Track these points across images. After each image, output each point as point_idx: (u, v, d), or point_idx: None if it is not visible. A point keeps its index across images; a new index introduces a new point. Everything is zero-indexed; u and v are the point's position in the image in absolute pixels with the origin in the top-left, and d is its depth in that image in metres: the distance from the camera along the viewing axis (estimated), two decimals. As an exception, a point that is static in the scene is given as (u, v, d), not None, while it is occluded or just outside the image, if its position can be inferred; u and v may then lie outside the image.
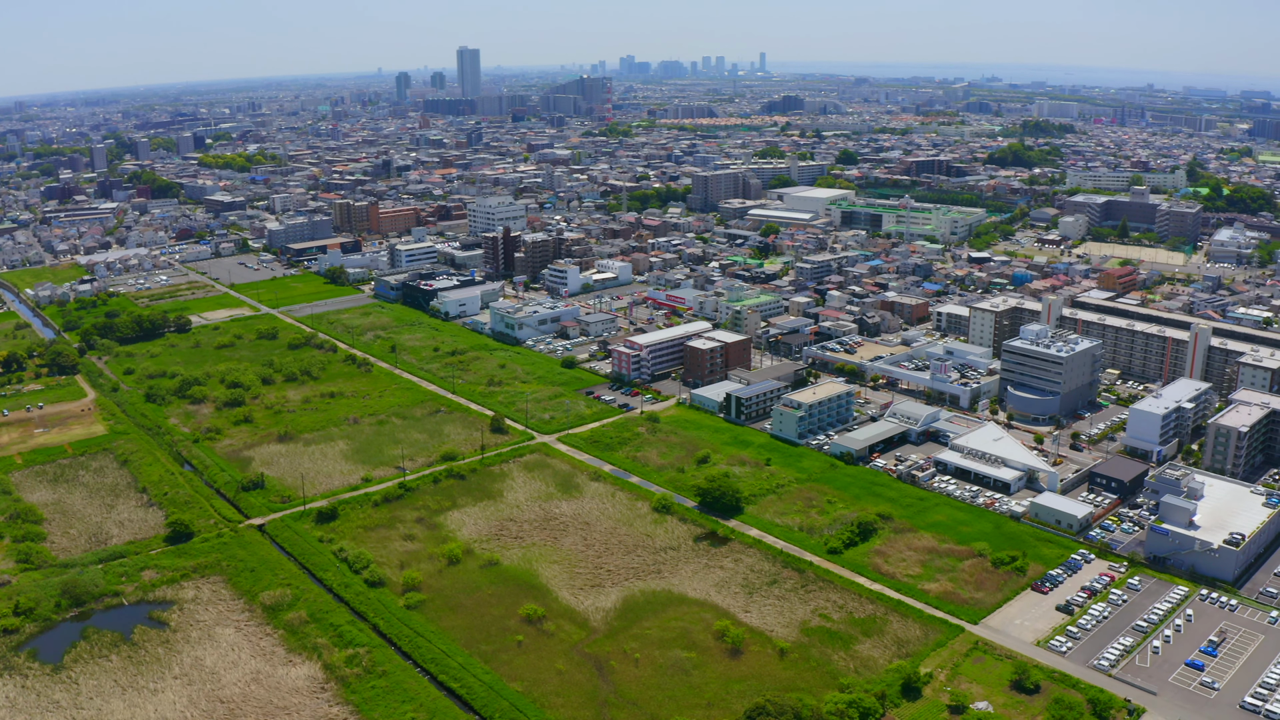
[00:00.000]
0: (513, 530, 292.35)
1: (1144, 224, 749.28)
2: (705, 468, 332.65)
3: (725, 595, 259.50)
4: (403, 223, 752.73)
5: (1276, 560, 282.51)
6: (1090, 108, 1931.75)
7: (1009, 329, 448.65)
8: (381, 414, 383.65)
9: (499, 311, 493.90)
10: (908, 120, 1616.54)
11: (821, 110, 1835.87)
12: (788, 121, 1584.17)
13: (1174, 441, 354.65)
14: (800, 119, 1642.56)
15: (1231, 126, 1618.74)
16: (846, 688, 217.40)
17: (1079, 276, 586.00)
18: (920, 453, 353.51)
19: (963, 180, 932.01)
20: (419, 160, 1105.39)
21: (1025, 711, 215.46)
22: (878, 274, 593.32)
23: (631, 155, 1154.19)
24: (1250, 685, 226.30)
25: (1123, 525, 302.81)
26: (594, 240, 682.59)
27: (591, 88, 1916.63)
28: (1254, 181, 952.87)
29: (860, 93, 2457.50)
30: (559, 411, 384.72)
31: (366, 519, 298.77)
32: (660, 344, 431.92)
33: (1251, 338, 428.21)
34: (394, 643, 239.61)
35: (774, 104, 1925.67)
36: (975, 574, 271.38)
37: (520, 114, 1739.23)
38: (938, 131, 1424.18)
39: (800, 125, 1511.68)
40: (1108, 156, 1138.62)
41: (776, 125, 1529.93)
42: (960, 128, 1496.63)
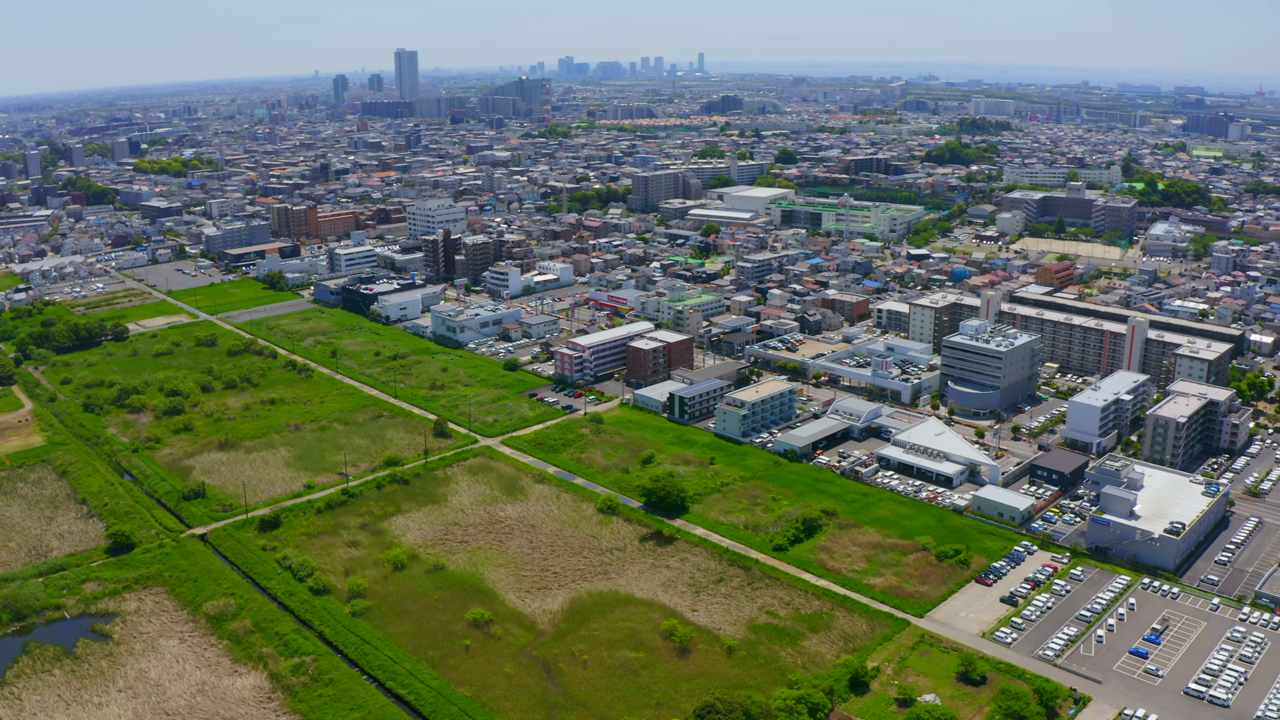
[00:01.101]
0: (458, 534, 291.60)
1: (1080, 219, 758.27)
2: (650, 468, 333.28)
3: (672, 595, 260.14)
4: (342, 226, 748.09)
5: (1217, 548, 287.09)
6: (1026, 105, 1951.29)
7: (949, 325, 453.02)
8: (323, 420, 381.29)
9: (440, 315, 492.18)
10: (846, 119, 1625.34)
11: (760, 110, 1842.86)
12: (727, 121, 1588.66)
13: (1113, 433, 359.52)
14: (739, 119, 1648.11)
15: (1166, 122, 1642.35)
16: (795, 684, 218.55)
17: (1017, 272, 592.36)
18: (863, 449, 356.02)
19: (901, 178, 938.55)
20: (357, 163, 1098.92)
21: (972, 703, 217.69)
22: (818, 272, 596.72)
23: (571, 156, 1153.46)
24: (1194, 671, 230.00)
25: (1064, 517, 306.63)
26: (535, 242, 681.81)
27: (530, 89, 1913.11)
28: (1188, 176, 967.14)
29: (798, 92, 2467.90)
30: (502, 414, 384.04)
31: (310, 526, 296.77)
32: (603, 345, 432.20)
33: (1188, 330, 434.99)
34: (340, 650, 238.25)
35: (713, 104, 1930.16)
36: (920, 568, 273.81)
37: (459, 116, 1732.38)
38: (876, 130, 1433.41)
39: (739, 125, 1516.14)
40: (1044, 153, 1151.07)
41: (716, 125, 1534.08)
42: (898, 126, 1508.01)
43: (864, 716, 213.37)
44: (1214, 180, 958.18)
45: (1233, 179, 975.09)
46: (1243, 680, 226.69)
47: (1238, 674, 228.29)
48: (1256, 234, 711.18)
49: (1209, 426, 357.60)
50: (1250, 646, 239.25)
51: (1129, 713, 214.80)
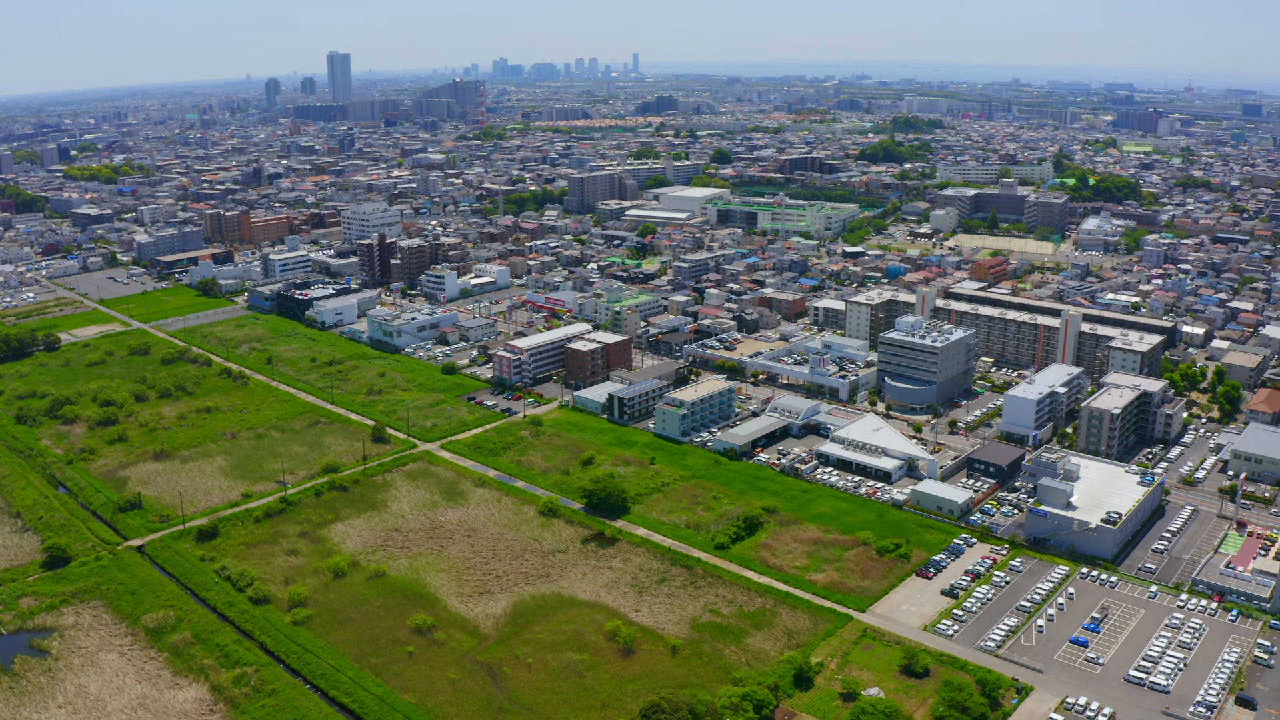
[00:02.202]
0: (398, 540, 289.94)
1: (1013, 215, 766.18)
2: (590, 469, 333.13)
3: (615, 595, 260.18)
4: (275, 232, 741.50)
5: (1153, 537, 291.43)
6: (958, 103, 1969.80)
7: (884, 321, 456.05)
8: (260, 427, 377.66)
9: (376, 319, 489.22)
10: (780, 119, 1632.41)
11: (695, 110, 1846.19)
12: (662, 122, 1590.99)
13: (1049, 425, 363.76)
14: (674, 119, 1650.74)
15: (1096, 118, 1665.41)
16: (739, 681, 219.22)
17: (951, 268, 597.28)
18: (802, 446, 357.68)
19: (836, 177, 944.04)
20: (291, 168, 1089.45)
21: (916, 695, 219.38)
22: (755, 271, 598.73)
23: (507, 158, 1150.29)
24: (1134, 659, 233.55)
25: (1002, 509, 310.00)
26: (471, 245, 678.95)
27: (465, 91, 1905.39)
28: (1119, 171, 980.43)
29: (733, 92, 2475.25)
30: (441, 418, 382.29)
31: (248, 535, 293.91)
32: (541, 347, 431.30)
33: (1120, 322, 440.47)
34: (282, 660, 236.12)
35: (648, 105, 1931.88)
36: (861, 563, 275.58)
37: (393, 119, 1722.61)
38: (810, 129, 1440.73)
39: (674, 125, 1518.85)
40: (976, 150, 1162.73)
41: (651, 126, 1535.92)
42: (832, 125, 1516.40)
43: (809, 712, 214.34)
44: (1144, 175, 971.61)
45: (1163, 174, 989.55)
46: (1182, 666, 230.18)
47: (1177, 660, 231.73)
48: (1187, 227, 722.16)
49: (1143, 417, 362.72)
50: (1189, 633, 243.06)
51: (1071, 701, 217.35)
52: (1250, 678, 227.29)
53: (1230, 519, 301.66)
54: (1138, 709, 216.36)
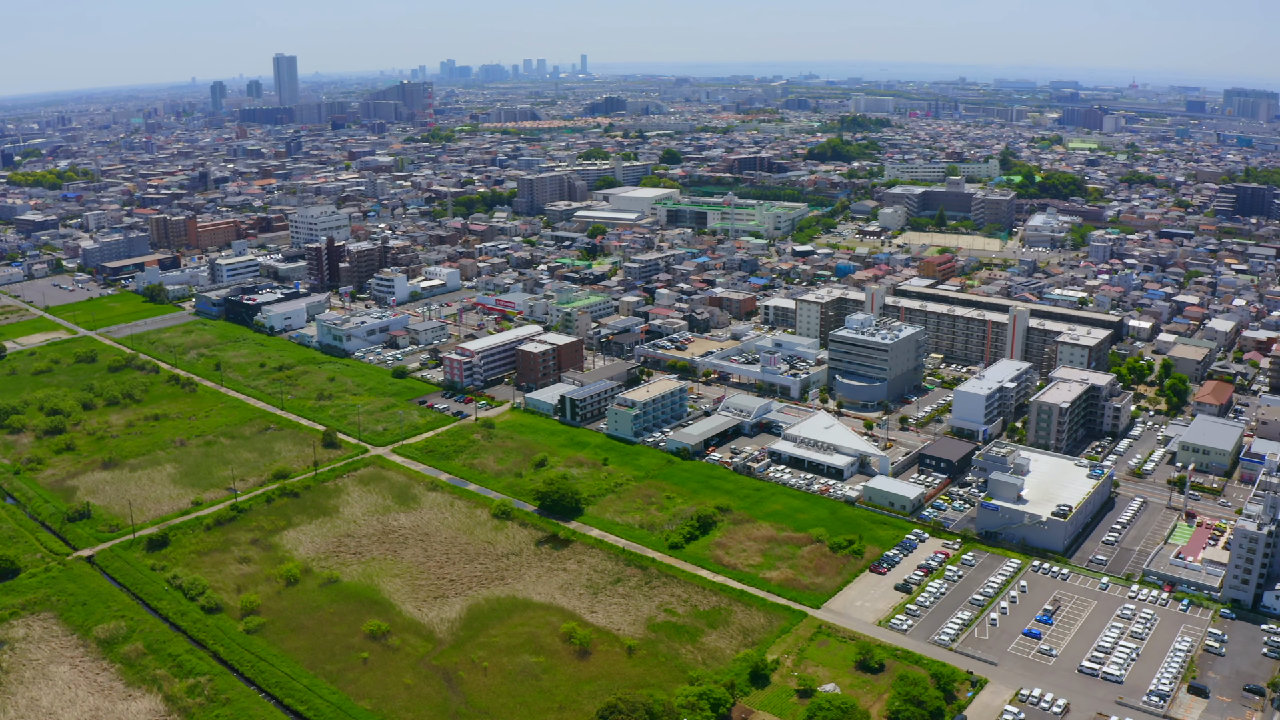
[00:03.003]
0: (351, 546, 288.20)
1: (961, 212, 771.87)
2: (543, 471, 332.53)
3: (570, 597, 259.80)
4: (222, 236, 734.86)
5: (1104, 529, 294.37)
6: (905, 102, 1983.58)
7: (834, 319, 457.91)
8: (209, 434, 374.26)
9: (326, 323, 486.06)
10: (729, 119, 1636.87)
11: (644, 111, 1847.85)
12: (611, 123, 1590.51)
13: (998, 420, 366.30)
14: (623, 120, 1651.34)
15: (1042, 116, 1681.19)
16: (696, 680, 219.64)
17: (900, 265, 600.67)
18: (755, 444, 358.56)
19: (784, 176, 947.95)
20: (237, 171, 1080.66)
21: (872, 690, 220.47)
22: (705, 271, 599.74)
23: (455, 160, 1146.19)
24: (1087, 649, 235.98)
25: (954, 503, 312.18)
26: (420, 247, 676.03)
27: (412, 93, 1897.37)
28: (1065, 168, 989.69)
29: (681, 92, 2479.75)
30: (392, 422, 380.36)
31: (199, 544, 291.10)
32: (492, 349, 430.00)
33: (1068, 317, 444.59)
34: (236, 669, 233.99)
35: (596, 105, 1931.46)
36: (814, 559, 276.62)
37: (340, 121, 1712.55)
38: (759, 129, 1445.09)
39: (623, 126, 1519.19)
40: (924, 149, 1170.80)
41: (600, 127, 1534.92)
42: (780, 125, 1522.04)
43: (766, 709, 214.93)
44: (1090, 171, 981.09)
45: (1108, 170, 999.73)
46: (1135, 656, 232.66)
47: (1130, 650, 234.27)
48: (1132, 223, 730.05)
49: (1091, 411, 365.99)
50: (1140, 623, 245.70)
51: (1025, 693, 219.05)
52: (1202, 666, 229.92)
53: (1179, 510, 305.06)
54: (1091, 699, 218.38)
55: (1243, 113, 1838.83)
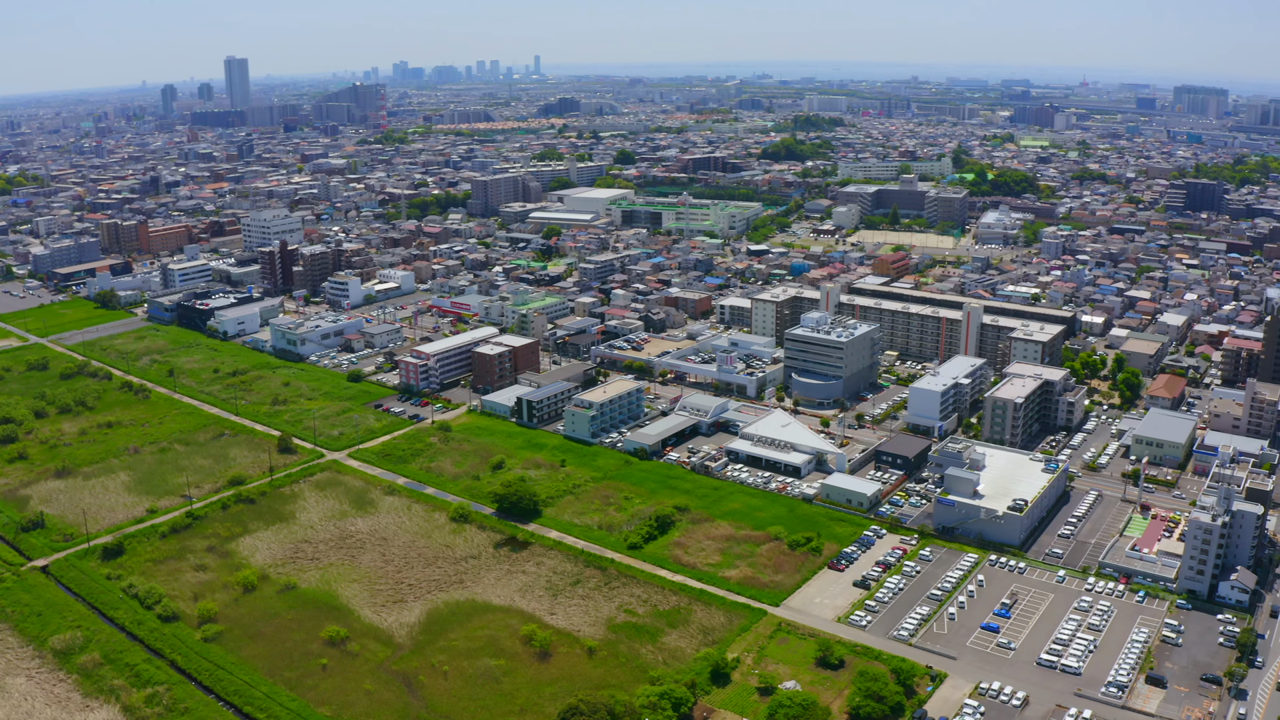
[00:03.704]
0: (308, 552, 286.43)
1: (914, 210, 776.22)
2: (501, 473, 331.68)
3: (530, 599, 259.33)
4: (174, 241, 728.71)
5: (1059, 522, 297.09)
6: (858, 101, 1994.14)
7: (790, 318, 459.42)
8: (163, 441, 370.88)
9: (279, 328, 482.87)
10: (683, 119, 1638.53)
11: (598, 111, 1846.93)
12: (565, 124, 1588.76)
13: (954, 416, 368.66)
14: (577, 121, 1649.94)
15: (994, 114, 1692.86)
16: (657, 680, 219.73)
17: (854, 264, 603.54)
18: (712, 443, 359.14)
19: (739, 176, 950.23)
20: (189, 175, 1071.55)
21: (832, 686, 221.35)
22: (660, 271, 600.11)
23: (409, 162, 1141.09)
24: (1045, 642, 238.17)
25: (911, 499, 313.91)
26: (374, 250, 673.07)
27: (365, 95, 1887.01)
28: (1016, 166, 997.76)
29: (635, 93, 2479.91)
30: (348, 427, 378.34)
31: (155, 552, 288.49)
32: (448, 352, 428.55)
33: (1021, 313, 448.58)
34: (194, 678, 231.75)
35: (550, 106, 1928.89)
36: (773, 557, 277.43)
37: (292, 124, 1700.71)
38: (712, 129, 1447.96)
39: (577, 127, 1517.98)
40: (877, 147, 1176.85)
41: (554, 128, 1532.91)
42: (734, 124, 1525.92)
43: (727, 708, 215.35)
44: (1041, 169, 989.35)
45: (1059, 167, 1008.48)
46: (1092, 648, 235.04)
47: (1087, 642, 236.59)
48: (1084, 219, 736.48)
49: (1046, 405, 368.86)
50: (1098, 615, 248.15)
51: (985, 686, 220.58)
52: (1159, 657, 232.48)
53: (1134, 502, 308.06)
54: (1050, 691, 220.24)
55: (1192, 109, 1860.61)
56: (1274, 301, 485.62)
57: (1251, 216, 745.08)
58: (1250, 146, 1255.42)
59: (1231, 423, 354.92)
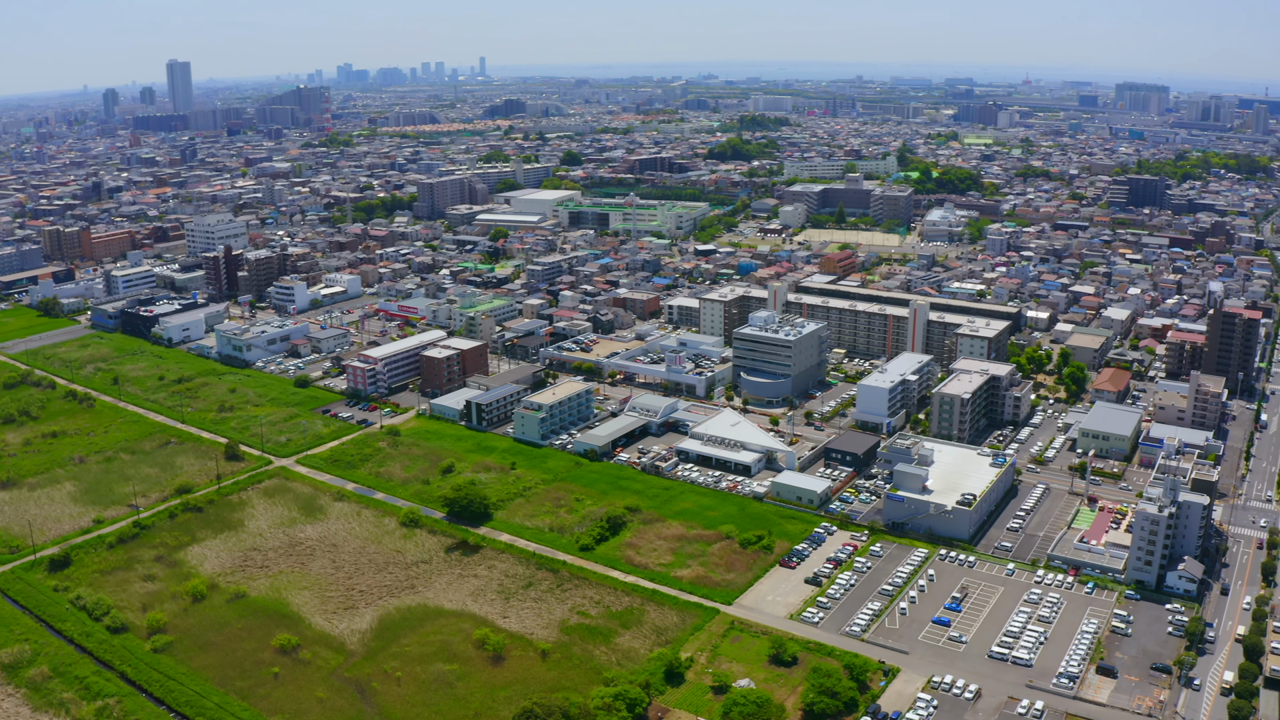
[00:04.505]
0: (258, 560, 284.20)
1: (860, 209, 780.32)
2: (451, 477, 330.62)
3: (482, 603, 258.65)
4: (118, 247, 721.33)
5: (1008, 516, 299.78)
6: (804, 100, 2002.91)
7: (738, 317, 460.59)
8: (109, 450, 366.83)
9: (225, 334, 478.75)
10: (629, 119, 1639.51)
11: (544, 113, 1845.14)
12: (511, 125, 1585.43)
13: (902, 412, 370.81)
14: (523, 122, 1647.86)
15: (938, 113, 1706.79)
16: (611, 681, 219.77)
17: (801, 262, 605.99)
18: (662, 443, 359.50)
19: (685, 176, 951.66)
20: (131, 180, 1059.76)
21: (786, 683, 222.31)
22: (608, 272, 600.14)
23: (354, 165, 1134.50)
24: (996, 635, 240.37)
25: (860, 496, 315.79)
26: (320, 254, 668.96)
27: (309, 98, 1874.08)
28: (961, 163, 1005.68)
29: (581, 94, 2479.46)
30: (296, 433, 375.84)
31: (102, 562, 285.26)
32: (395, 356, 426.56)
33: (967, 310, 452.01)
34: (144, 689, 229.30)
35: (496, 108, 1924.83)
36: (725, 556, 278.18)
37: (236, 127, 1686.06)
38: (659, 129, 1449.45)
39: (523, 128, 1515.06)
40: (822, 147, 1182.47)
41: (500, 129, 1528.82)
42: (680, 125, 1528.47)
43: (682, 707, 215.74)
44: (985, 166, 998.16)
45: (1003, 164, 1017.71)
46: (1043, 640, 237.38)
47: (1038, 634, 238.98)
48: (1028, 215, 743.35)
49: (992, 400, 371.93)
50: (1047, 607, 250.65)
51: (937, 680, 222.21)
52: (1109, 647, 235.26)
53: (1081, 495, 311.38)
54: (1002, 683, 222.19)
55: (1134, 106, 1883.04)
56: (1216, 295, 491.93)
57: (1193, 211, 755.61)
58: (1191, 142, 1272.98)
59: (1176, 415, 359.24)
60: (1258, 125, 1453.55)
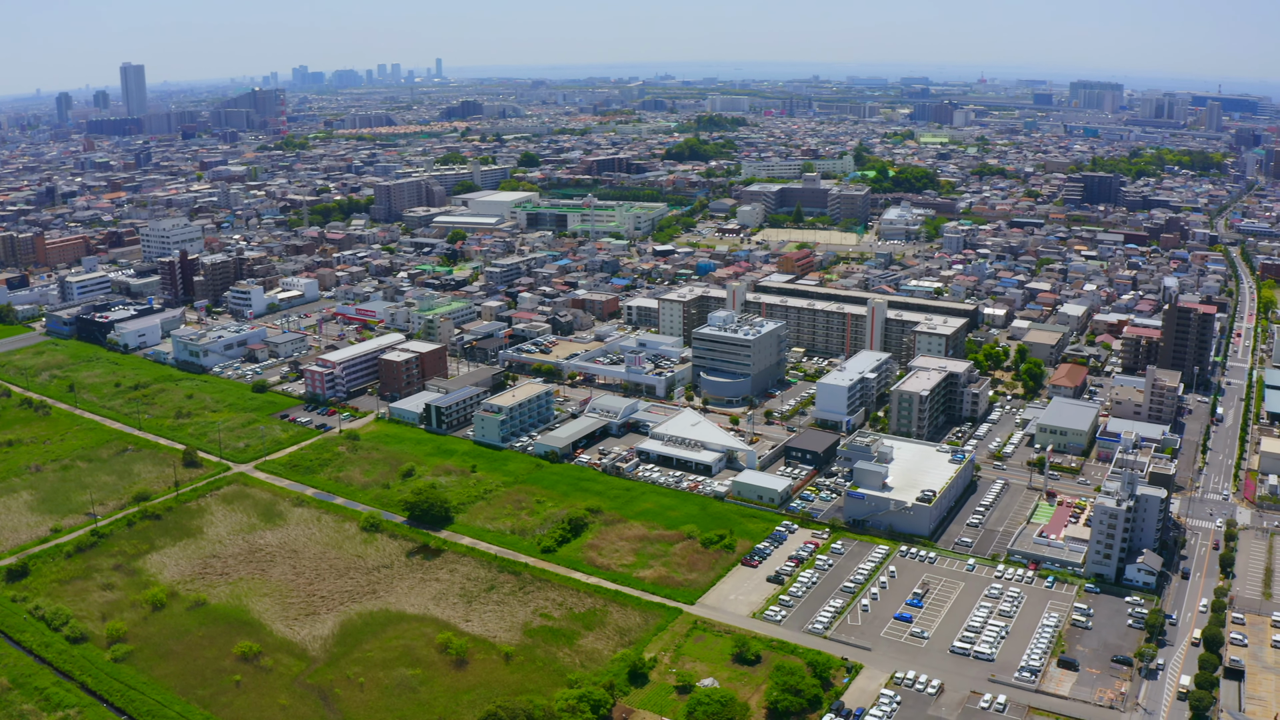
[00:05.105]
0: (217, 567, 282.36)
1: (817, 208, 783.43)
2: (411, 481, 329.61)
3: (444, 607, 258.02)
4: (72, 253, 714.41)
5: (968, 511, 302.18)
6: (761, 101, 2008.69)
7: (697, 317, 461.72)
8: (65, 458, 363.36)
9: (181, 339, 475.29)
10: (586, 120, 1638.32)
11: (501, 114, 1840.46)
12: (468, 127, 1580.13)
13: (861, 410, 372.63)
14: (480, 124, 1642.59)
15: (894, 112, 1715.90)
16: (575, 683, 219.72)
17: (759, 262, 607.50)
18: (623, 444, 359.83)
19: (643, 176, 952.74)
20: (86, 185, 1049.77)
21: (750, 682, 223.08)
22: (567, 273, 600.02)
23: (310, 168, 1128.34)
24: (957, 630, 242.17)
25: (821, 494, 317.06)
26: (277, 258, 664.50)
27: (264, 100, 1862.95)
28: (917, 162, 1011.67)
29: (538, 95, 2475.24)
30: (254, 438, 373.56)
31: (60, 572, 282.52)
32: (354, 359, 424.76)
33: (925, 307, 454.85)
34: (105, 699, 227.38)
35: (453, 109, 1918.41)
36: (687, 556, 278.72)
37: (191, 131, 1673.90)
38: (616, 130, 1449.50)
39: (480, 130, 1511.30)
40: (779, 146, 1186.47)
41: (456, 131, 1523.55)
42: (638, 125, 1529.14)
43: (646, 708, 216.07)
44: (941, 165, 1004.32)
45: (959, 163, 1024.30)
46: (1004, 634, 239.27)
47: (999, 628, 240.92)
48: (984, 213, 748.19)
49: (950, 397, 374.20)
50: (1008, 602, 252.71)
51: (900, 676, 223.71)
52: (1070, 640, 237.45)
53: (1040, 490, 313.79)
54: (965, 678, 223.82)
55: (1088, 104, 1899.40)
56: (1171, 291, 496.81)
57: (1148, 208, 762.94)
58: (1145, 139, 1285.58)
59: (1133, 409, 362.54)
60: (1211, 122, 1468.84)
